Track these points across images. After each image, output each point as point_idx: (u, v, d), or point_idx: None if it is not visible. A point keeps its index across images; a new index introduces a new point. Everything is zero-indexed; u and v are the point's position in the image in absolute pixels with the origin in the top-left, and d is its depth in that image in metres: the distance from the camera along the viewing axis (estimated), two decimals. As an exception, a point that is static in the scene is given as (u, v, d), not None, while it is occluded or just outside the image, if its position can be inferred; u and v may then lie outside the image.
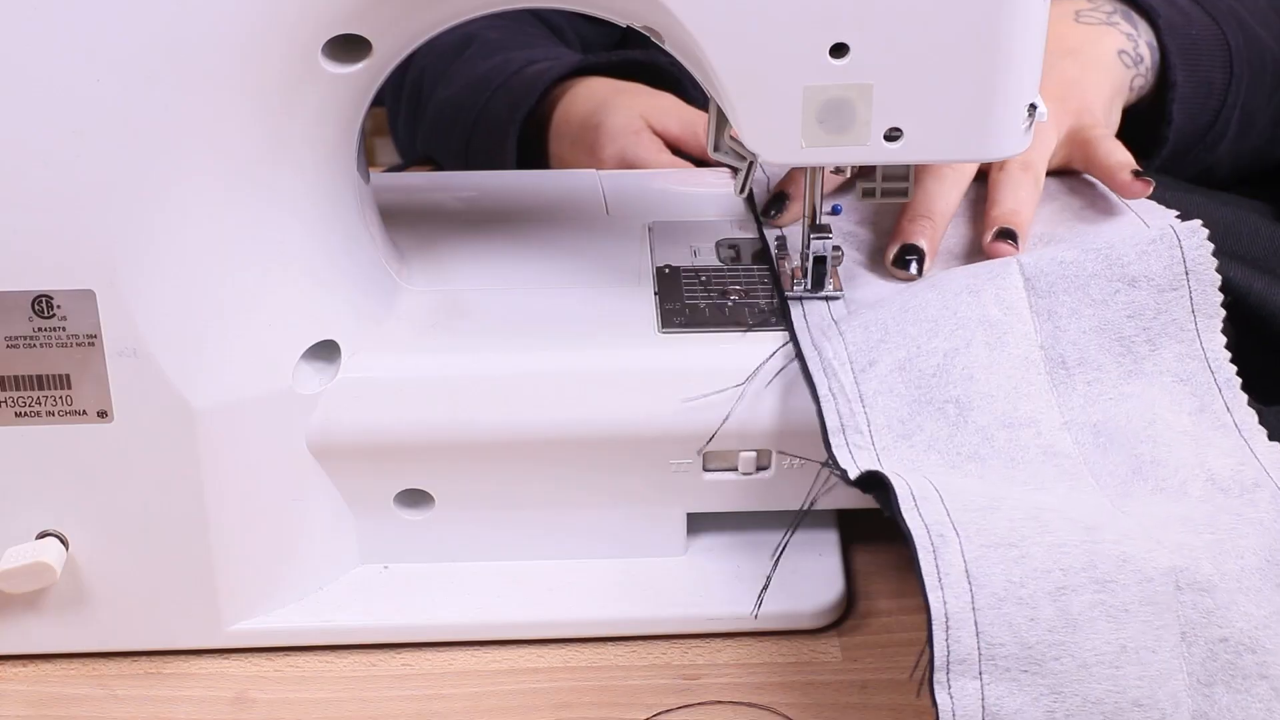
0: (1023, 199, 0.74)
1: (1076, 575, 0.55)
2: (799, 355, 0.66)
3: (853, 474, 0.61)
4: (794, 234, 0.75)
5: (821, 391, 0.65)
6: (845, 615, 0.69)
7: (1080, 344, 0.66)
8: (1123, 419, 0.65)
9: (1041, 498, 0.61)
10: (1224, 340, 0.66)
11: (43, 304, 0.61)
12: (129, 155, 0.59)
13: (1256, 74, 0.91)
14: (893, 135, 0.63)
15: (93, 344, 0.62)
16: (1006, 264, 0.68)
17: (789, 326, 0.68)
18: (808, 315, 0.69)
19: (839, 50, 0.61)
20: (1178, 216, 0.71)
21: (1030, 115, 0.64)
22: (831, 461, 0.63)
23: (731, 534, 0.73)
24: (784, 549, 0.69)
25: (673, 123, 0.99)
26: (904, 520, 0.57)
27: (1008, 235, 0.72)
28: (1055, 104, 0.78)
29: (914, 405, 0.64)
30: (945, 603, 0.55)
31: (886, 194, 0.70)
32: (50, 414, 0.63)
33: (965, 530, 0.57)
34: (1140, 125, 0.89)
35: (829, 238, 0.70)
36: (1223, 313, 0.66)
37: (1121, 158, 0.75)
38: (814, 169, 0.69)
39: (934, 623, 0.54)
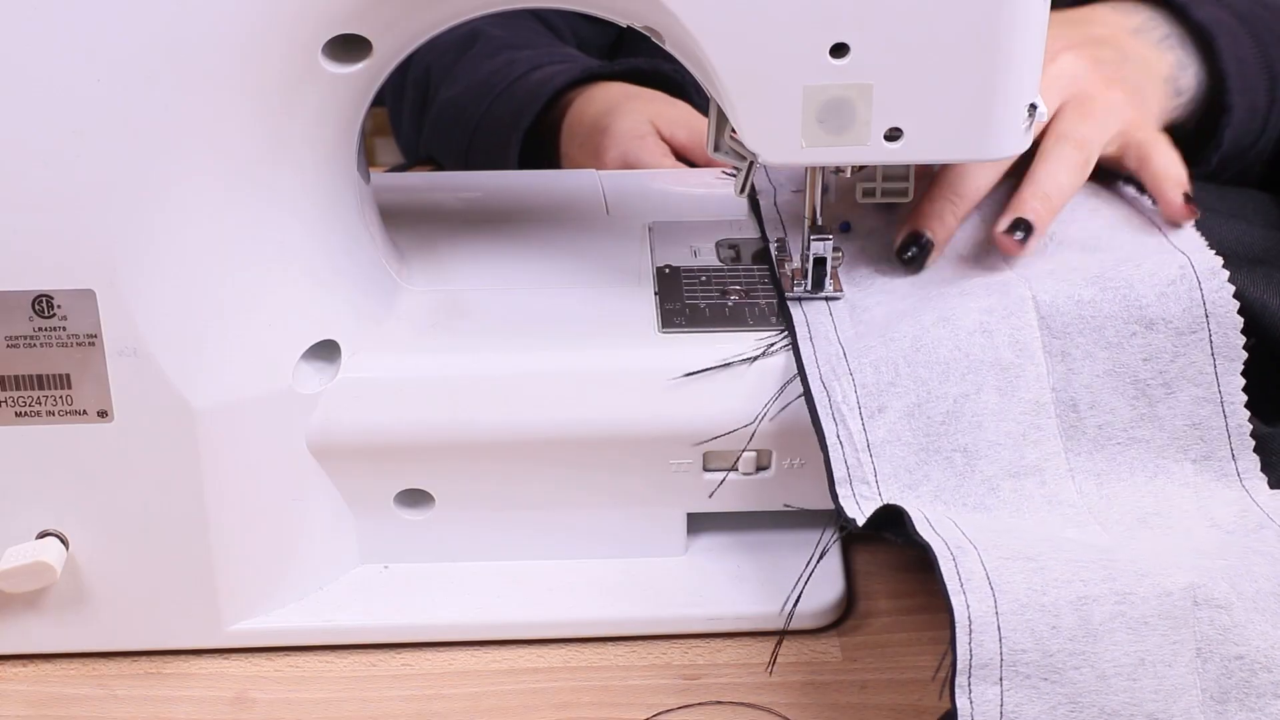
0: (1062, 183, 0.71)
1: (1097, 586, 0.55)
2: (807, 393, 0.65)
3: (860, 522, 0.62)
4: (794, 235, 0.75)
5: (829, 439, 0.64)
6: (845, 615, 0.69)
7: (1093, 387, 0.65)
8: (1126, 471, 0.65)
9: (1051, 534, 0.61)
10: (1243, 383, 0.65)
11: (43, 304, 0.61)
12: (129, 155, 0.59)
13: None
14: (893, 135, 0.63)
15: (93, 344, 0.62)
16: (1022, 302, 0.66)
17: (794, 345, 0.67)
18: (814, 334, 0.68)
19: (839, 50, 0.61)
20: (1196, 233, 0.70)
21: (1030, 115, 0.64)
22: (838, 512, 0.63)
23: (731, 534, 0.73)
24: (803, 581, 0.69)
25: (681, 131, 0.98)
26: (920, 536, 0.58)
27: (1021, 227, 0.69)
28: (1129, 94, 0.76)
29: (922, 454, 0.64)
30: (969, 606, 0.54)
31: (886, 194, 0.70)
32: (50, 414, 0.63)
33: (982, 544, 0.57)
34: (1182, 144, 0.88)
35: (829, 239, 0.70)
36: (1244, 355, 0.65)
37: (1176, 173, 0.73)
38: (814, 169, 0.69)
39: (957, 626, 0.54)
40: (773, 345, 0.68)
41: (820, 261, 0.70)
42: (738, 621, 0.68)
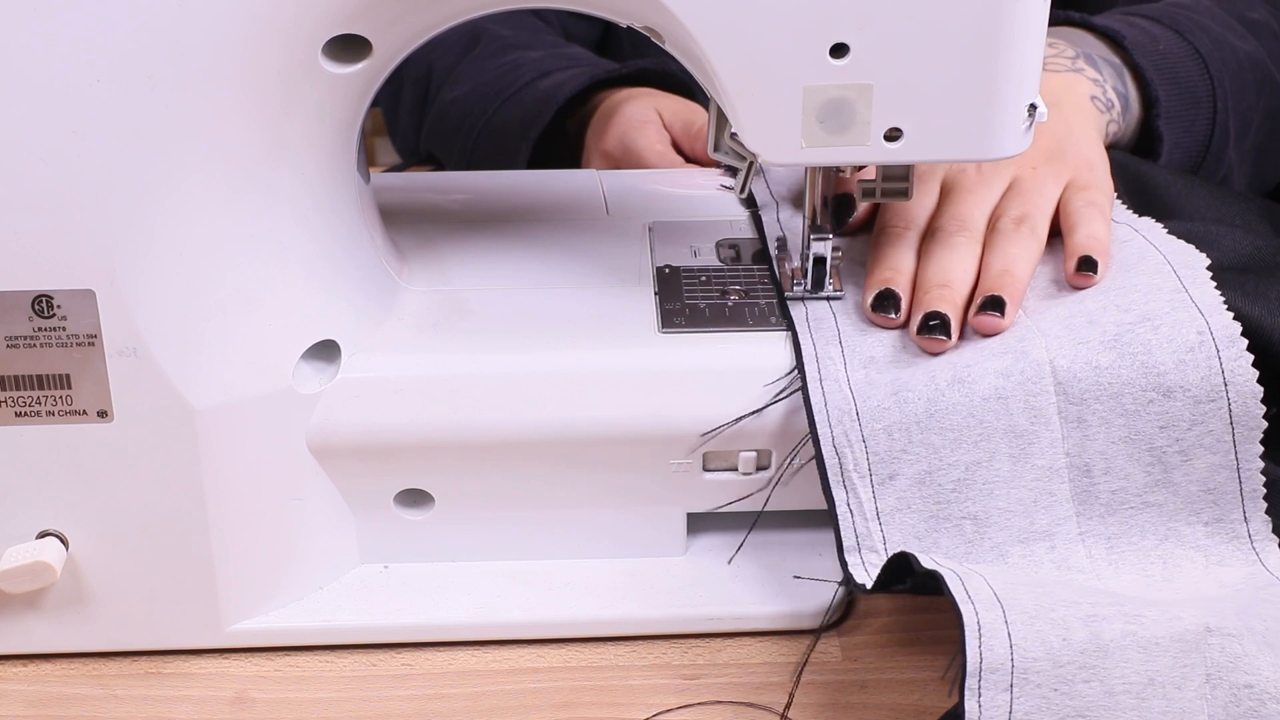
0: (1013, 255, 0.70)
1: (1106, 608, 0.55)
2: (818, 455, 0.65)
3: (868, 585, 0.62)
4: (794, 234, 0.75)
5: (839, 508, 0.65)
6: (845, 615, 0.69)
7: (1108, 454, 0.65)
8: (1137, 535, 0.65)
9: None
10: (1260, 451, 0.64)
11: (43, 304, 0.61)
12: (129, 155, 0.59)
13: (1235, 75, 0.89)
14: (893, 135, 0.63)
15: (93, 344, 0.62)
16: (1039, 367, 0.65)
17: (804, 391, 0.66)
18: (823, 377, 0.66)
19: (839, 50, 0.61)
20: (1206, 266, 0.68)
21: (1030, 115, 0.64)
22: (847, 578, 0.63)
23: (731, 534, 0.73)
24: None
25: (678, 122, 1.01)
26: (925, 566, 0.58)
27: (993, 305, 0.67)
28: (1054, 163, 0.75)
29: (931, 521, 0.64)
30: (978, 615, 0.55)
31: (886, 194, 0.70)
32: (50, 414, 0.63)
33: (988, 574, 0.58)
34: (1138, 151, 0.87)
35: (829, 238, 0.70)
36: (1264, 425, 0.64)
37: (1079, 241, 0.71)
38: (814, 169, 0.69)
39: (966, 631, 0.54)
40: (782, 392, 0.67)
41: (820, 261, 0.71)
42: (738, 621, 0.68)
